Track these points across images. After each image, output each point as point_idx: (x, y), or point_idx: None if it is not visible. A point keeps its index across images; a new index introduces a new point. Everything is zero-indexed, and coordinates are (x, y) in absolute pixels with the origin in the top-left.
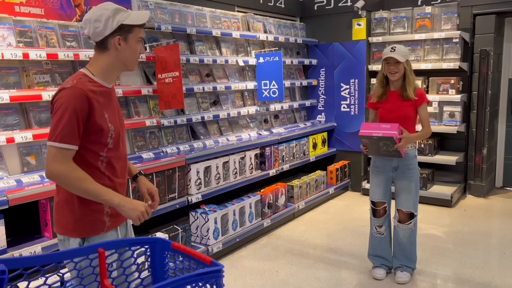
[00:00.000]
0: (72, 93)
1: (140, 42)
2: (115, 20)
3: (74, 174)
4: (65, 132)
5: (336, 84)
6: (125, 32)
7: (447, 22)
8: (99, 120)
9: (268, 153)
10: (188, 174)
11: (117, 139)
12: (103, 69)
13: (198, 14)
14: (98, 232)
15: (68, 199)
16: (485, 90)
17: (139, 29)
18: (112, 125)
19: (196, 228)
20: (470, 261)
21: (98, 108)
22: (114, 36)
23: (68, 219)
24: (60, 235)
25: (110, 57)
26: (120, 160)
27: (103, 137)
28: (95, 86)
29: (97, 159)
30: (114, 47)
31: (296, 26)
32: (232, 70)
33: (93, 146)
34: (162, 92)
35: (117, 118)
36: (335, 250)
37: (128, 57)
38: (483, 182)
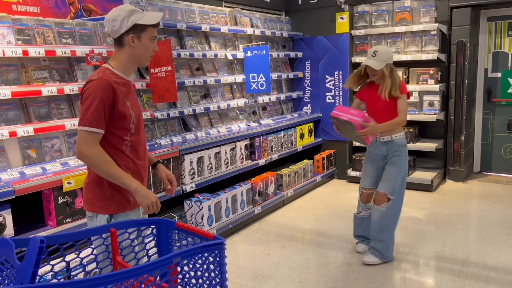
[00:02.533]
0: (99, 83)
1: (153, 41)
2: (130, 20)
3: (100, 157)
4: (93, 117)
5: (321, 76)
6: (139, 31)
7: (426, 15)
8: (122, 108)
9: (257, 143)
10: (182, 164)
11: (138, 125)
12: (122, 63)
13: (187, 10)
14: (123, 209)
15: (98, 180)
16: (462, 79)
17: (153, 29)
18: (134, 112)
19: (191, 216)
20: (449, 240)
21: (121, 97)
22: (128, 34)
23: (98, 198)
24: (89, 212)
25: (126, 53)
26: (141, 144)
27: (126, 123)
28: (117, 78)
29: (122, 143)
30: (129, 44)
31: (282, 20)
32: (221, 64)
33: (118, 131)
34: (155, 86)
35: (137, 106)
36: (323, 233)
37: (141, 54)
38: (462, 167)
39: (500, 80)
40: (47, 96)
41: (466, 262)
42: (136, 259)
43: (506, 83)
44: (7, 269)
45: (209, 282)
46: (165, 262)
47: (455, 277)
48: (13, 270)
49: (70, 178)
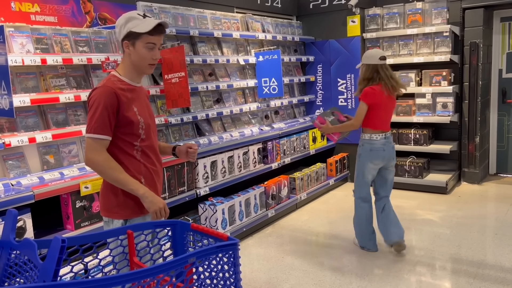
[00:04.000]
0: (102, 91)
1: (150, 48)
2: (125, 27)
3: (107, 163)
4: (98, 124)
5: (333, 80)
6: (133, 38)
7: (438, 17)
8: (128, 113)
9: (270, 147)
10: (196, 168)
11: (148, 131)
12: (126, 70)
13: (199, 16)
14: (138, 214)
15: (112, 186)
16: (476, 81)
17: (148, 36)
18: (142, 118)
19: (205, 219)
20: (465, 242)
21: (126, 103)
22: (124, 41)
23: (113, 203)
24: (105, 217)
25: (126, 59)
26: (153, 150)
27: (135, 129)
28: (123, 84)
29: (133, 148)
30: (126, 51)
31: (293, 25)
32: (233, 69)
33: (128, 137)
34: (169, 91)
35: (146, 112)
36: (337, 236)
37: (137, 61)
38: (477, 169)
39: None
40: (64, 103)
41: (482, 264)
42: (152, 260)
43: None
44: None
45: (224, 282)
46: (181, 262)
47: (471, 279)
48: (35, 269)
49: (87, 182)
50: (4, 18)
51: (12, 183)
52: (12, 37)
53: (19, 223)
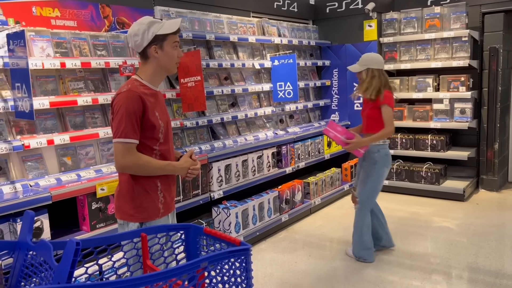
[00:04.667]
0: (128, 95)
1: (176, 47)
2: (150, 32)
3: (141, 161)
4: (128, 129)
5: (349, 84)
6: (160, 41)
7: (456, 22)
8: (152, 118)
9: (284, 151)
10: (210, 172)
11: (166, 135)
12: (149, 75)
13: (216, 21)
14: (153, 217)
15: (129, 189)
16: (495, 86)
17: (173, 36)
18: (162, 122)
19: (219, 223)
20: (482, 251)
21: (150, 107)
22: (151, 46)
23: (129, 206)
24: (120, 220)
25: (152, 64)
26: (170, 153)
27: (156, 133)
28: (145, 89)
29: (152, 152)
30: (153, 56)
31: (309, 29)
32: (248, 73)
33: (148, 141)
34: (185, 95)
35: (166, 116)
36: (350, 242)
37: (167, 62)
38: (496, 176)
39: None
40: (82, 106)
41: (500, 274)
42: (166, 263)
43: None
44: (45, 270)
45: (236, 287)
46: (193, 266)
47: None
48: (50, 271)
49: (103, 184)
50: (26, 22)
51: (30, 184)
52: (32, 41)
53: (36, 224)
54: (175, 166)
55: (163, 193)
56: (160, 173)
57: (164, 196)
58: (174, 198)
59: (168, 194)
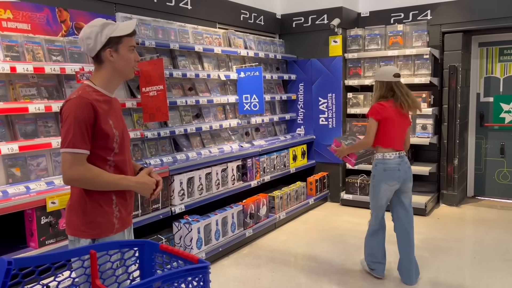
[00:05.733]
0: (77, 102)
1: (133, 50)
2: (103, 35)
3: (91, 173)
4: (76, 138)
5: (314, 98)
6: (115, 44)
7: (418, 40)
8: (105, 126)
9: (249, 164)
10: (171, 185)
11: (122, 145)
12: (103, 80)
13: (180, 30)
14: (107, 233)
15: (81, 202)
16: (455, 103)
17: (129, 38)
18: (117, 131)
19: (180, 238)
20: (443, 266)
21: (102, 115)
22: (105, 49)
23: (80, 221)
24: (71, 236)
25: (107, 69)
26: (126, 164)
27: (109, 142)
28: (98, 95)
29: (105, 163)
30: (108, 60)
31: (276, 43)
32: (214, 84)
33: (101, 151)
34: (146, 105)
35: (121, 124)
36: (315, 258)
37: (123, 67)
38: (455, 191)
39: (492, 105)
40: (34, 114)
41: None
42: (117, 283)
43: (498, 108)
44: None
45: None
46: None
47: None
48: None
49: (55, 197)
50: None
51: None
52: None
53: None
54: (130, 180)
55: (118, 207)
56: (113, 187)
57: (120, 211)
58: (132, 212)
59: (124, 208)
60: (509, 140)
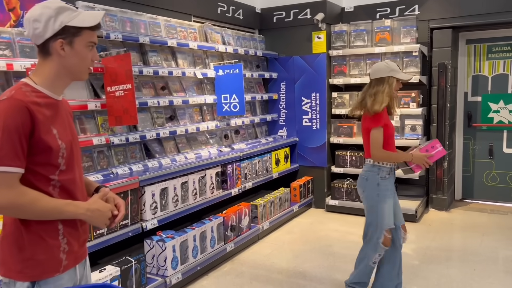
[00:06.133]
0: (9, 105)
1: (92, 48)
2: (57, 21)
3: (24, 198)
4: (5, 152)
5: (297, 98)
6: (71, 35)
7: (406, 36)
8: (46, 137)
9: (230, 171)
10: (142, 197)
11: (70, 160)
12: (47, 78)
13: (151, 23)
14: (52, 273)
15: (16, 234)
16: (444, 103)
17: (91, 33)
18: (63, 143)
19: (152, 258)
20: (443, 280)
21: (43, 122)
22: (56, 40)
23: (15, 259)
24: (5, 278)
25: (53, 64)
26: (76, 184)
27: (53, 157)
28: (39, 97)
29: (48, 184)
30: (57, 53)
31: (255, 39)
32: (189, 83)
33: (42, 169)
34: (112, 106)
35: (69, 134)
36: (304, 274)
37: (75, 65)
38: (445, 195)
39: (480, 104)
40: None
41: None
42: None
43: (486, 108)
44: None
45: None
46: None
47: None
48: None
49: None
50: None
51: None
52: None
53: None
54: (77, 207)
55: (67, 238)
56: (55, 216)
57: (69, 242)
58: (86, 240)
59: (75, 239)
60: (498, 140)
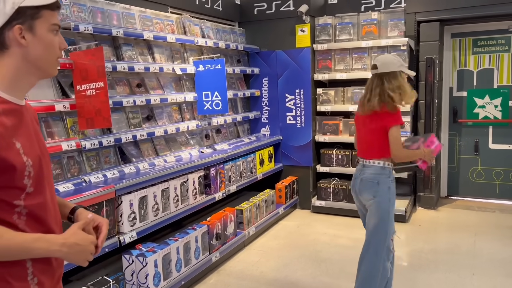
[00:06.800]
0: None
1: (57, 32)
2: (8, 3)
3: None
4: None
5: (280, 95)
6: (29, 18)
7: (394, 29)
8: (7, 153)
9: (213, 174)
10: (118, 208)
11: (39, 178)
12: (7, 78)
13: (125, 14)
14: None
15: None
16: (432, 99)
17: (51, 12)
18: (29, 159)
19: (132, 275)
20: (443, 286)
21: (3, 136)
22: (12, 26)
23: None
24: None
25: (12, 59)
26: (47, 209)
27: (17, 178)
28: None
29: (11, 212)
30: (17, 43)
31: (236, 32)
32: (167, 80)
33: (2, 194)
34: (82, 107)
35: (36, 147)
36: (297, 284)
37: (41, 56)
38: (432, 193)
39: (465, 100)
40: None
41: None
42: None
43: (472, 103)
44: None
45: None
46: None
47: None
48: None
49: None
50: None
51: None
52: None
53: None
54: (50, 242)
55: (37, 277)
56: (20, 256)
57: (40, 283)
58: (62, 275)
59: (48, 277)
60: (483, 136)
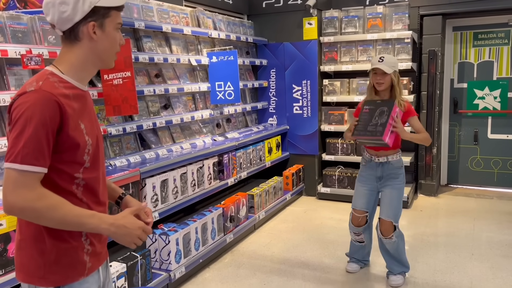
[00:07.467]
0: (37, 98)
1: (118, 30)
2: (86, 2)
3: (43, 202)
4: (29, 150)
5: (287, 86)
6: (101, 17)
7: (398, 22)
8: (74, 133)
9: (226, 161)
10: (142, 190)
11: (95, 156)
12: (76, 66)
13: (144, 7)
14: (77, 277)
15: (37, 236)
16: (434, 90)
17: (117, 13)
18: (90, 138)
19: (155, 252)
20: (444, 266)
21: (72, 117)
22: (87, 23)
23: (37, 263)
24: (24, 284)
25: (83, 50)
26: (99, 184)
27: (79, 155)
28: (67, 88)
29: (72, 182)
30: (88, 37)
31: (245, 24)
32: (182, 70)
33: (66, 167)
34: (109, 95)
35: (95, 128)
36: (307, 264)
37: (106, 49)
38: (433, 181)
39: (466, 91)
40: None
41: None
42: None
43: (472, 94)
44: None
45: None
46: None
47: None
48: None
49: (2, 217)
50: None
51: None
52: None
53: None
54: (101, 220)
55: (89, 238)
56: (74, 227)
57: (92, 243)
58: (107, 239)
59: (97, 239)
60: (483, 126)
